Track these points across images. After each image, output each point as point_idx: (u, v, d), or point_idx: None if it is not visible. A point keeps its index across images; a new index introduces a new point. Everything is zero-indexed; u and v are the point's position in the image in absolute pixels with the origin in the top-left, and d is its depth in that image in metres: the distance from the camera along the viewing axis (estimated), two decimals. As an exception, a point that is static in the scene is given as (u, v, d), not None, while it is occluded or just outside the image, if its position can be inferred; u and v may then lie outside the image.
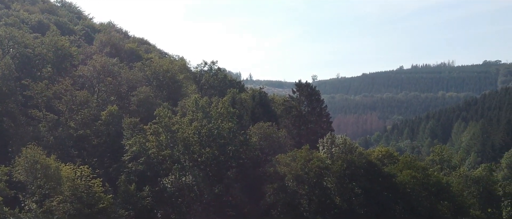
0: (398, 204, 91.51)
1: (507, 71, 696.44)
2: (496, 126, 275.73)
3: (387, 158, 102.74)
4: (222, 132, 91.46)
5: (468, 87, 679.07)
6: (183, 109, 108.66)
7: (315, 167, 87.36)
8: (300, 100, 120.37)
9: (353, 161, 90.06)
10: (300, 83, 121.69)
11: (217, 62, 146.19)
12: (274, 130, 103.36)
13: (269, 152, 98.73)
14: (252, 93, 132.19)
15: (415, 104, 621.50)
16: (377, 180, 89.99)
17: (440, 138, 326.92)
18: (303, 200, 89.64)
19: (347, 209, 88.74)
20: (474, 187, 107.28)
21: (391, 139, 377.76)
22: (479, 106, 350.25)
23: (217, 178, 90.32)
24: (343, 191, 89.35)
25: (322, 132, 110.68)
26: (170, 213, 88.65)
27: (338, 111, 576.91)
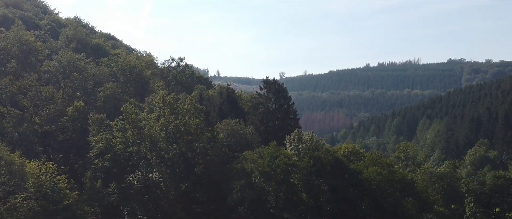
0: (364, 201, 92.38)
1: (471, 69, 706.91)
2: (460, 123, 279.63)
3: (353, 155, 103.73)
4: (189, 129, 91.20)
5: (433, 85, 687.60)
6: (150, 105, 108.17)
7: (282, 164, 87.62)
8: (268, 97, 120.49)
9: (319, 158, 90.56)
10: (268, 80, 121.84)
11: (184, 59, 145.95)
12: (242, 126, 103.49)
13: (236, 148, 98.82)
14: (219, 89, 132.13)
15: (381, 101, 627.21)
16: (343, 176, 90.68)
17: (405, 135, 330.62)
18: (270, 196, 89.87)
19: (313, 205, 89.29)
20: (438, 183, 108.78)
21: (357, 136, 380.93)
22: (443, 104, 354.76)
23: (184, 174, 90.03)
24: (310, 187, 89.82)
25: (289, 129, 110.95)
26: (137, 210, 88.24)
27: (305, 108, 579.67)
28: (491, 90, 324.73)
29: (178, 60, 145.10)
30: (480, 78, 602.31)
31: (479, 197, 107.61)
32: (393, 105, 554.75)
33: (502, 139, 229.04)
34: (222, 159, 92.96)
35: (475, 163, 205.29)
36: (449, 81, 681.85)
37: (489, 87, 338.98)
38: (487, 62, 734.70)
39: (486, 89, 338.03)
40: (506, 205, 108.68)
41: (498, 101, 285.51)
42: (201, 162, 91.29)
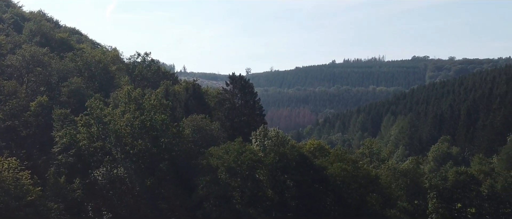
0: (329, 196, 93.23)
1: (434, 67, 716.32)
2: (424, 120, 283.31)
3: (319, 151, 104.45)
4: (155, 124, 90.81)
5: (397, 82, 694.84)
6: (116, 100, 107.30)
7: (247, 160, 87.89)
8: (234, 93, 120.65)
9: (285, 154, 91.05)
10: (234, 75, 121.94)
11: (150, 54, 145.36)
12: (208, 122, 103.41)
13: (202, 144, 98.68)
14: (185, 85, 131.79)
15: (346, 98, 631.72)
16: (309, 172, 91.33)
17: (370, 131, 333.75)
18: (236, 192, 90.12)
19: (279, 201, 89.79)
20: (402, 179, 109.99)
21: (323, 132, 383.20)
22: (407, 100, 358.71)
23: (149, 170, 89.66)
24: (275, 183, 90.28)
25: (255, 124, 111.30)
26: (101, 206, 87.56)
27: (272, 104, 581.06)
28: (454, 87, 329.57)
29: (144, 55, 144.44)
30: (443, 75, 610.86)
31: (441, 193, 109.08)
32: (358, 102, 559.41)
33: (464, 135, 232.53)
34: (188, 154, 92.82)
35: (437, 159, 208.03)
36: (413, 78, 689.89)
37: (452, 84, 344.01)
38: (450, 59, 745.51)
39: (449, 86, 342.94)
40: (468, 200, 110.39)
41: (460, 98, 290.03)
42: (166, 157, 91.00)
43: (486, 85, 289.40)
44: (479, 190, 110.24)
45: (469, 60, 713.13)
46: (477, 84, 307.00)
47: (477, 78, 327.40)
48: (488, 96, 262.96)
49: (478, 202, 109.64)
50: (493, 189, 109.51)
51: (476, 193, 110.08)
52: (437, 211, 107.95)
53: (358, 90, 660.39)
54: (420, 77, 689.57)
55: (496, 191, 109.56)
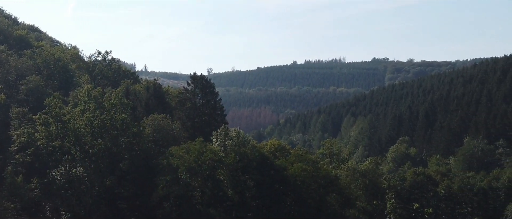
0: (289, 196, 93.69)
1: (394, 69, 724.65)
2: (383, 121, 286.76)
3: (279, 151, 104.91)
4: (115, 124, 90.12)
5: (357, 83, 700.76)
6: (75, 99, 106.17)
7: (208, 160, 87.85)
8: (195, 93, 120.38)
9: (246, 154, 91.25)
10: (195, 75, 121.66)
11: (111, 52, 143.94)
12: (168, 122, 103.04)
13: (162, 144, 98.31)
14: (146, 84, 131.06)
15: (307, 98, 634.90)
16: (269, 172, 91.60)
17: (330, 132, 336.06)
18: (196, 192, 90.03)
19: (239, 201, 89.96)
20: (361, 179, 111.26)
21: (283, 132, 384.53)
22: (367, 102, 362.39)
23: (109, 170, 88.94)
24: (236, 183, 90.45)
25: (216, 124, 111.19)
26: (59, 206, 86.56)
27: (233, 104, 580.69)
28: (413, 89, 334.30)
29: (104, 54, 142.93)
30: (402, 77, 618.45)
31: (399, 193, 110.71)
32: (319, 102, 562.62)
33: (422, 136, 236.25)
34: (148, 154, 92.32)
35: (396, 160, 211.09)
36: (373, 80, 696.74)
37: (411, 86, 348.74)
38: (410, 61, 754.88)
39: (408, 88, 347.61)
40: (425, 200, 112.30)
41: (419, 100, 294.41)
42: (126, 157, 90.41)
43: (443, 87, 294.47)
44: (436, 191, 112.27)
45: (428, 62, 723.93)
46: (435, 86, 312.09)
47: (435, 80, 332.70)
48: (446, 98, 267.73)
49: (435, 202, 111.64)
50: (450, 190, 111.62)
51: (433, 194, 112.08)
52: (395, 211, 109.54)
53: (319, 91, 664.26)
54: (380, 78, 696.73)
55: (453, 191, 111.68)
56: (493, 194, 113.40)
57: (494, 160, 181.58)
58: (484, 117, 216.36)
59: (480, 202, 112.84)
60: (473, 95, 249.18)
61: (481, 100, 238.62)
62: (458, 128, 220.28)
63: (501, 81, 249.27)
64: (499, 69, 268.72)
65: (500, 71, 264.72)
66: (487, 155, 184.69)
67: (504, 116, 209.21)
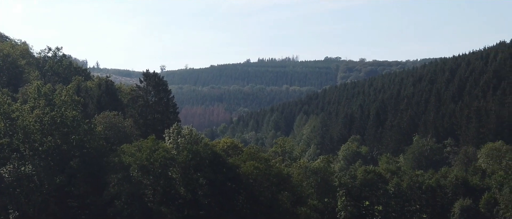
0: (241, 194, 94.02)
1: (346, 68, 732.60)
2: (335, 119, 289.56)
3: (232, 149, 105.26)
4: (66, 121, 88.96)
5: (310, 82, 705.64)
6: (24, 96, 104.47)
7: (160, 158, 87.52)
8: (148, 90, 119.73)
9: (198, 152, 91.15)
10: (148, 73, 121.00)
11: (62, 49, 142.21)
12: (120, 119, 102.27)
13: (114, 141, 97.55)
14: (98, 81, 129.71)
15: (260, 96, 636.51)
16: (222, 171, 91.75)
17: (283, 130, 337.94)
18: (148, 190, 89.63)
19: (191, 199, 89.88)
20: (313, 177, 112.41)
21: (236, 130, 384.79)
22: (319, 100, 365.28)
23: (59, 168, 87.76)
24: (188, 181, 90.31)
25: (168, 122, 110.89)
26: (8, 204, 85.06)
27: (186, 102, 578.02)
28: (364, 88, 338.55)
29: (55, 50, 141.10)
30: (354, 76, 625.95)
31: (350, 191, 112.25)
32: (272, 101, 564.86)
33: (373, 135, 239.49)
34: (99, 152, 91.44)
35: (347, 158, 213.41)
36: (326, 79, 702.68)
37: (362, 85, 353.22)
38: (361, 61, 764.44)
39: (359, 87, 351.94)
40: (375, 198, 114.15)
41: (370, 99, 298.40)
42: (77, 155, 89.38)
43: (394, 86, 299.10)
44: (386, 188, 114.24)
45: (379, 62, 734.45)
46: (386, 85, 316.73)
47: (386, 80, 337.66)
48: (396, 97, 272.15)
49: (385, 200, 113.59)
50: (399, 188, 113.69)
51: (383, 191, 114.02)
52: (346, 209, 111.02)
53: (272, 89, 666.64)
54: (332, 77, 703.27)
55: (402, 189, 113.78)
56: (441, 192, 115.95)
57: (442, 159, 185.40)
58: (433, 116, 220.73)
59: (429, 199, 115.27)
60: (423, 94, 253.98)
61: (430, 99, 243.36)
62: (407, 127, 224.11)
63: (450, 81, 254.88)
64: (447, 70, 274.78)
65: (448, 71, 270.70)
66: (436, 153, 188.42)
67: (452, 116, 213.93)
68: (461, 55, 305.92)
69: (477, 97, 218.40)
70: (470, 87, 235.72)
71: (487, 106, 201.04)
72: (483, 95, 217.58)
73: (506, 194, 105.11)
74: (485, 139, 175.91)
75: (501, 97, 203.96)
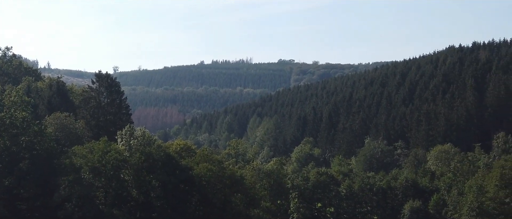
0: (194, 196, 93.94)
1: (299, 70, 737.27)
2: (288, 122, 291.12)
3: (185, 151, 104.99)
4: (15, 122, 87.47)
5: (264, 84, 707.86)
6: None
7: (112, 159, 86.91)
8: (100, 91, 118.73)
9: (151, 153, 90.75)
10: (100, 73, 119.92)
11: (12, 48, 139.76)
12: (72, 121, 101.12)
13: (65, 143, 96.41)
14: (49, 82, 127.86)
15: (214, 98, 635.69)
16: (174, 172, 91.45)
17: (236, 132, 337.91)
18: (99, 192, 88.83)
19: (144, 201, 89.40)
20: (266, 179, 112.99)
21: (190, 132, 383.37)
22: (273, 103, 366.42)
23: (7, 170, 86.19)
24: (141, 183, 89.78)
25: (121, 124, 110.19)
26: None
27: (139, 103, 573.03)
28: (317, 90, 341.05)
29: (4, 49, 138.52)
30: (307, 79, 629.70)
31: (302, 193, 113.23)
32: (226, 103, 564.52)
33: (326, 137, 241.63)
34: (50, 154, 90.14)
35: (300, 160, 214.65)
36: (279, 81, 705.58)
37: (315, 88, 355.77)
38: (314, 63, 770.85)
39: (313, 89, 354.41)
40: (327, 200, 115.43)
41: (323, 101, 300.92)
42: (27, 156, 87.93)
43: (346, 89, 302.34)
44: (338, 190, 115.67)
45: (332, 65, 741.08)
46: (338, 88, 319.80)
47: (338, 83, 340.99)
48: (348, 100, 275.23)
49: (336, 202, 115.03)
50: (351, 189, 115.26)
51: (335, 193, 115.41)
52: (298, 211, 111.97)
53: (225, 91, 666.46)
54: (286, 80, 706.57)
55: (354, 191, 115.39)
56: (391, 194, 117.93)
57: (393, 161, 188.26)
58: (384, 119, 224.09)
59: (379, 201, 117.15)
60: (374, 97, 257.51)
61: (381, 102, 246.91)
62: (359, 130, 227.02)
63: (400, 85, 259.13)
64: (398, 73, 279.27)
65: (399, 74, 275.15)
66: (387, 155, 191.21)
67: (402, 118, 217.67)
68: (412, 59, 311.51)
69: (427, 100, 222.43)
70: (420, 90, 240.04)
71: (437, 109, 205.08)
72: (433, 99, 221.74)
73: (454, 195, 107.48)
74: (434, 141, 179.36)
75: (450, 100, 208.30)
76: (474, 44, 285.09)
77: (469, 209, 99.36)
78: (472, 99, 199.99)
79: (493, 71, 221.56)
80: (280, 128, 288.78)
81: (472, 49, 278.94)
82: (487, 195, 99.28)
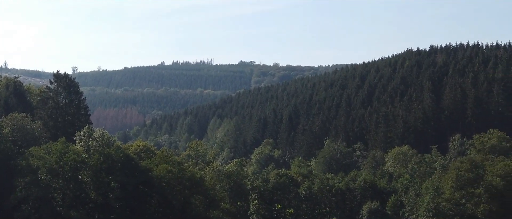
0: (154, 198, 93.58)
1: (260, 72, 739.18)
2: (248, 123, 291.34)
3: (145, 153, 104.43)
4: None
5: (224, 85, 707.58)
6: None
7: (70, 161, 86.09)
8: (58, 92, 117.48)
9: (110, 155, 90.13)
10: (59, 74, 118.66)
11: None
12: (29, 121, 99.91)
13: (22, 144, 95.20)
14: (6, 82, 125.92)
15: (174, 100, 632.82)
16: (134, 174, 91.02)
17: (197, 133, 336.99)
18: (57, 194, 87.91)
19: (102, 203, 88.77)
20: (226, 181, 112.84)
21: (150, 133, 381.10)
22: (233, 104, 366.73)
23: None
24: (99, 185, 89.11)
25: (79, 125, 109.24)
26: None
27: (98, 104, 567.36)
28: (278, 92, 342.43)
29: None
30: (268, 81, 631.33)
31: (262, 194, 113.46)
32: (186, 104, 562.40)
33: (286, 139, 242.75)
34: (6, 155, 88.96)
35: (260, 161, 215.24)
36: (240, 82, 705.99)
37: (276, 90, 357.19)
38: (275, 65, 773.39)
39: (273, 91, 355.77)
40: (287, 201, 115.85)
41: (283, 103, 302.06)
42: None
43: (307, 91, 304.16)
44: (297, 192, 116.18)
45: (292, 67, 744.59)
46: (298, 90, 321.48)
47: (299, 84, 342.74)
48: (308, 102, 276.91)
49: (296, 203, 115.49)
50: (310, 191, 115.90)
51: (295, 195, 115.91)
52: (258, 212, 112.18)
53: (186, 93, 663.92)
54: (246, 81, 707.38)
55: (313, 192, 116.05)
56: (350, 195, 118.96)
57: (352, 162, 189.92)
58: (344, 121, 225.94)
59: (338, 202, 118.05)
60: (334, 99, 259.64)
61: (341, 104, 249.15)
62: (319, 131, 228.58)
63: (360, 87, 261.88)
64: (357, 75, 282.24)
65: (358, 77, 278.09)
66: (346, 157, 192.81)
67: (361, 120, 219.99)
68: (371, 61, 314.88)
69: (385, 103, 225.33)
70: (379, 93, 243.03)
71: (395, 112, 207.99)
72: (391, 101, 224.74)
73: (411, 197, 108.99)
74: (393, 143, 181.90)
75: (407, 103, 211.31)
76: (432, 48, 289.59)
77: (426, 210, 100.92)
78: (429, 101, 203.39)
79: (450, 74, 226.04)
80: (240, 129, 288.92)
81: (430, 53, 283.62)
82: (443, 196, 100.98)
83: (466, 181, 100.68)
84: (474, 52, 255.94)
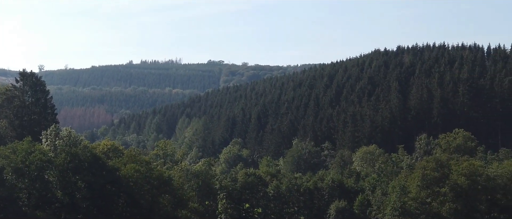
0: (121, 198, 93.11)
1: (228, 71, 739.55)
2: (217, 123, 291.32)
3: (112, 152, 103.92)
4: None
5: (193, 85, 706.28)
6: None
7: (36, 160, 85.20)
8: (24, 90, 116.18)
9: (77, 154, 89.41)
10: (25, 72, 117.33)
11: None
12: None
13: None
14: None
15: (143, 99, 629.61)
16: (101, 173, 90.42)
17: (165, 133, 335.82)
18: (23, 194, 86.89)
19: (69, 203, 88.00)
20: (194, 180, 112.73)
21: (117, 132, 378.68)
22: (202, 103, 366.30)
23: None
24: (66, 184, 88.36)
25: (46, 124, 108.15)
26: None
27: (65, 103, 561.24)
28: (246, 92, 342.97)
29: None
30: (237, 80, 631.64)
31: (231, 194, 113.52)
32: (155, 103, 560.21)
33: (254, 138, 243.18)
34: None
35: (229, 161, 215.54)
36: (209, 82, 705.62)
37: (245, 89, 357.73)
38: (244, 65, 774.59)
39: (242, 90, 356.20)
40: (255, 201, 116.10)
41: (252, 102, 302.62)
42: None
43: (275, 91, 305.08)
44: (266, 191, 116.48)
45: (261, 66, 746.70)
46: (267, 89, 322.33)
47: (267, 84, 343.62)
48: (277, 101, 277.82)
49: (264, 202, 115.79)
50: (279, 190, 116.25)
51: (263, 194, 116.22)
52: (226, 211, 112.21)
53: (154, 92, 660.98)
54: (215, 81, 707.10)
55: (281, 191, 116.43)
56: (318, 194, 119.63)
57: (320, 162, 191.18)
58: (312, 120, 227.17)
59: (306, 201, 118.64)
60: (302, 99, 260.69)
61: (309, 104, 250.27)
62: (287, 131, 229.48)
63: (328, 87, 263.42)
64: (326, 75, 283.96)
65: (327, 77, 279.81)
66: (314, 156, 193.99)
67: (329, 120, 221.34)
68: (339, 61, 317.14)
69: (353, 102, 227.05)
70: (347, 92, 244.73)
71: (362, 111, 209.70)
72: (359, 101, 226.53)
73: (378, 196, 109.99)
74: (360, 143, 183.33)
75: (375, 103, 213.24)
76: (399, 48, 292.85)
77: (392, 209, 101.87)
78: (396, 101, 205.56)
79: (417, 74, 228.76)
80: (209, 129, 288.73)
81: (397, 53, 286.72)
82: (410, 195, 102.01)
83: (431, 180, 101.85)
84: (440, 53, 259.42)
